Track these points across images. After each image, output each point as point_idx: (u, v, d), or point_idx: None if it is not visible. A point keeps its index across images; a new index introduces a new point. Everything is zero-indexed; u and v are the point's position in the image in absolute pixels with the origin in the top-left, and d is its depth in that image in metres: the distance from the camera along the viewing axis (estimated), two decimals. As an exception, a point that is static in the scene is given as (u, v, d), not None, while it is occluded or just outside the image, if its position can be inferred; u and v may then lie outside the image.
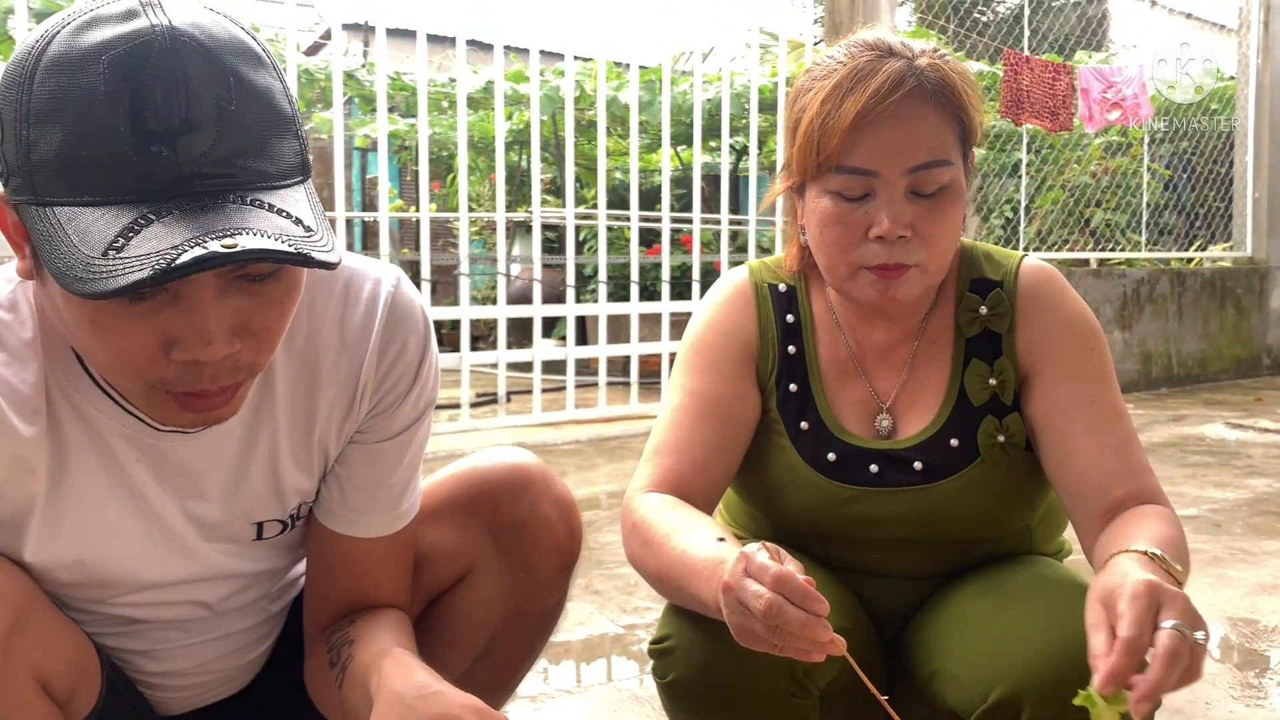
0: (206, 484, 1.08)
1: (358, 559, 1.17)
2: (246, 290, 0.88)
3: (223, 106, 0.82)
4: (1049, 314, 1.32)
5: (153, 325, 0.85)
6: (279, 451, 1.10)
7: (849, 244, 1.24)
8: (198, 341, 0.85)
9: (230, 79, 0.83)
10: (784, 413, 1.34)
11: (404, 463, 1.16)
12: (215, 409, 0.92)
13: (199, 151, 0.81)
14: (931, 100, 1.22)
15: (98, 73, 0.80)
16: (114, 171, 0.80)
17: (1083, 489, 1.26)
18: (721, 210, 5.69)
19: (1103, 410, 1.27)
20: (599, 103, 5.43)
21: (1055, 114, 6.34)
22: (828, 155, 1.22)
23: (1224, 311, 7.30)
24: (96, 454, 1.02)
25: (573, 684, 2.15)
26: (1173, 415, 5.77)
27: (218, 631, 1.19)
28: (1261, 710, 1.98)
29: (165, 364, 0.87)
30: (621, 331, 5.49)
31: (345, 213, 5.03)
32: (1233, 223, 7.80)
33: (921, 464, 1.30)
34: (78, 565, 1.05)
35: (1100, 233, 7.50)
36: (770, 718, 1.24)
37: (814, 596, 0.97)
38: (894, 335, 1.35)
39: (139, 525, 1.07)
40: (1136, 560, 1.05)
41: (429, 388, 1.15)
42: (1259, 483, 4.03)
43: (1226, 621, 2.49)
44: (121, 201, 0.80)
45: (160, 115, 0.80)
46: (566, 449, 4.69)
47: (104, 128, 0.79)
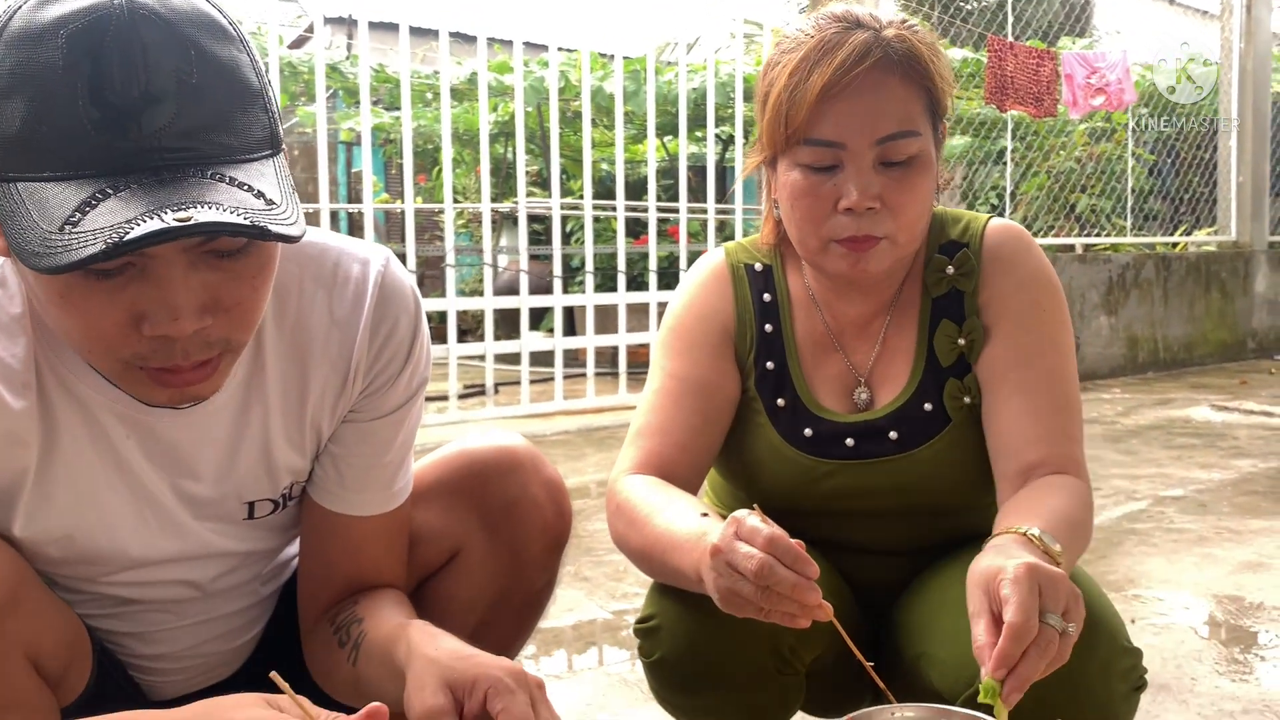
0: (198, 462, 1.08)
1: (354, 538, 1.17)
2: (215, 265, 0.87)
3: (183, 79, 0.81)
4: (1008, 270, 1.32)
5: (121, 300, 0.85)
6: (271, 430, 1.10)
7: (819, 217, 1.24)
8: (166, 316, 0.85)
9: (191, 51, 0.82)
10: (762, 390, 1.35)
11: (398, 441, 1.16)
12: (192, 385, 0.92)
13: (159, 125, 0.80)
14: (898, 71, 1.22)
15: (56, 47, 0.79)
16: (74, 146, 0.79)
17: (998, 448, 1.26)
18: (708, 200, 5.69)
19: (1039, 372, 1.27)
20: (584, 93, 5.42)
21: (1040, 100, 6.35)
22: (795, 128, 1.22)
23: (1209, 296, 7.34)
24: (86, 430, 1.02)
25: (563, 669, 2.15)
26: (1159, 399, 5.80)
27: (208, 614, 1.19)
28: (1246, 685, 2.00)
29: (137, 339, 0.86)
30: (609, 322, 5.50)
31: (330, 205, 5.02)
32: (1217, 207, 7.83)
33: (896, 433, 1.31)
34: (66, 541, 1.05)
35: (1085, 218, 7.53)
36: (756, 695, 1.24)
37: (805, 559, 0.98)
38: (869, 308, 1.36)
39: (129, 501, 1.06)
40: (1016, 543, 1.06)
41: (422, 366, 1.15)
42: (1244, 463, 4.06)
43: (1212, 599, 2.51)
44: (81, 176, 0.79)
45: (119, 89, 0.79)
46: (555, 439, 4.69)
47: (63, 102, 0.79)
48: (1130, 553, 2.87)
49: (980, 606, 0.98)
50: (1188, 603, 2.49)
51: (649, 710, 1.91)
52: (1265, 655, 2.17)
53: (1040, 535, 1.07)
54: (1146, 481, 3.76)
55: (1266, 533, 3.06)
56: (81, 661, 1.10)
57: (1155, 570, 2.73)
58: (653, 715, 1.89)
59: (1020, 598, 0.93)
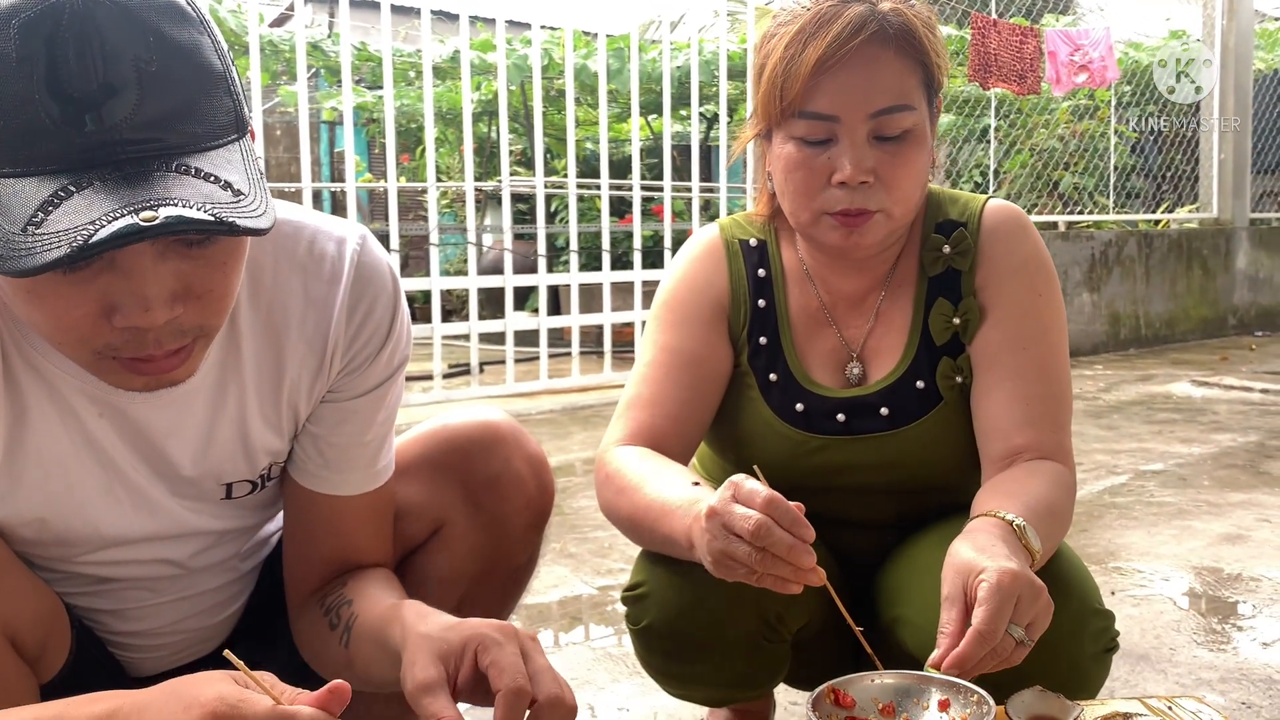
0: (172, 444, 1.07)
1: (338, 518, 1.17)
2: (184, 254, 0.85)
3: (143, 68, 0.78)
4: (1005, 253, 1.32)
5: (91, 293, 0.83)
6: (247, 411, 1.09)
7: (812, 189, 1.24)
8: (137, 308, 0.83)
9: (150, 38, 0.79)
10: (754, 365, 1.36)
11: (379, 419, 1.15)
12: (166, 372, 0.91)
13: (120, 117, 0.77)
14: (893, 45, 1.22)
15: (9, 38, 0.76)
16: (33, 141, 0.76)
17: (986, 430, 1.28)
18: (692, 179, 5.68)
19: (1032, 358, 1.28)
20: (567, 71, 5.40)
21: (1023, 77, 6.35)
22: (790, 101, 1.22)
23: (1191, 273, 7.38)
24: (55, 411, 1.01)
25: (549, 644, 2.16)
26: (1140, 375, 5.84)
27: (187, 591, 1.19)
28: (1224, 654, 2.02)
29: (109, 330, 0.85)
30: (594, 301, 5.49)
31: (313, 185, 4.99)
32: (1199, 184, 7.87)
33: (887, 409, 1.31)
34: (39, 523, 1.05)
35: (1068, 196, 7.55)
36: (742, 662, 1.25)
37: (802, 521, 0.99)
38: (863, 283, 1.36)
39: (101, 481, 1.06)
40: (999, 534, 1.07)
41: (402, 344, 1.14)
42: (1224, 437, 4.10)
43: (1191, 571, 2.53)
44: (43, 172, 0.77)
45: (76, 80, 0.76)
46: (540, 418, 4.70)
47: (19, 95, 0.76)
48: (1111, 526, 2.90)
49: (954, 593, 1.00)
50: (1167, 574, 2.52)
51: (634, 683, 1.92)
52: (1243, 625, 2.20)
53: (1024, 526, 1.09)
54: (1127, 456, 3.79)
55: (1245, 505, 3.09)
56: (60, 639, 1.10)
57: (1135, 543, 2.76)
58: (638, 688, 1.91)
59: (993, 607, 0.95)
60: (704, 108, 7.18)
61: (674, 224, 5.71)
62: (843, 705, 0.96)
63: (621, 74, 7.07)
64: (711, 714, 1.58)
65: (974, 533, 1.08)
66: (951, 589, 1.01)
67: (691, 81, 5.59)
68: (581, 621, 2.30)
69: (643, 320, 5.48)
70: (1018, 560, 1.02)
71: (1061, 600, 1.06)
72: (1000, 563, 0.99)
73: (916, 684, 0.97)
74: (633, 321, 5.50)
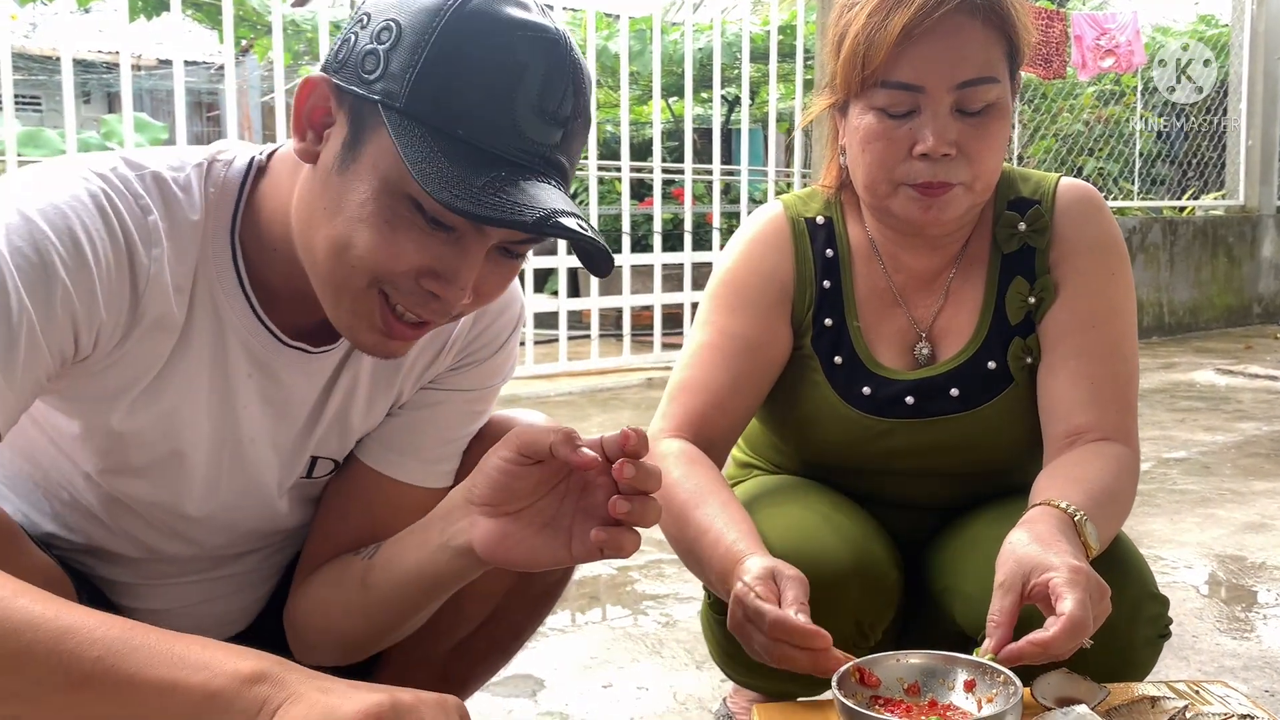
0: (298, 412, 1.09)
1: (378, 500, 1.15)
2: (495, 260, 0.94)
3: (582, 111, 0.93)
4: (1080, 231, 1.30)
5: (426, 251, 0.90)
6: (357, 393, 1.10)
7: (892, 161, 1.21)
8: (455, 283, 0.92)
9: (588, 90, 0.93)
10: (818, 347, 1.33)
11: (455, 423, 1.16)
12: (411, 339, 0.97)
13: (556, 139, 0.90)
14: (980, 15, 1.19)
15: (518, 40, 0.88)
16: (498, 127, 0.88)
17: (1050, 409, 1.26)
18: (713, 161, 5.66)
19: (1100, 337, 1.26)
20: (589, 53, 5.37)
21: (1049, 61, 6.29)
22: (873, 70, 1.19)
23: (1216, 260, 7.31)
24: (211, 355, 1.02)
25: (567, 623, 2.17)
26: (1164, 363, 5.79)
27: (211, 573, 1.18)
28: (1247, 642, 2.01)
29: (411, 286, 0.92)
30: (613, 284, 5.48)
31: (334, 165, 4.99)
32: (1225, 171, 7.78)
33: (958, 390, 1.29)
34: (141, 447, 1.04)
35: (1093, 181, 7.46)
36: None
37: (811, 633, 0.97)
38: (935, 261, 1.33)
39: (214, 442, 1.06)
40: (1059, 526, 1.06)
41: (509, 361, 1.16)
42: (1248, 426, 4.06)
43: (1214, 558, 2.52)
44: (483, 150, 0.87)
45: (552, 99, 0.89)
46: (559, 400, 4.70)
47: (507, 89, 0.87)
48: (1133, 513, 2.86)
49: (1010, 581, 0.99)
50: (1190, 562, 2.51)
51: (652, 663, 1.93)
52: (1266, 614, 2.18)
53: (1084, 520, 1.08)
54: (1150, 444, 3.77)
55: (1269, 494, 3.07)
56: None
57: (1158, 530, 2.74)
58: (656, 667, 1.91)
59: (1080, 595, 0.94)
60: (726, 90, 7.15)
61: (694, 207, 5.69)
62: (868, 684, 0.95)
63: (643, 56, 7.04)
64: (736, 692, 1.58)
65: (1033, 523, 1.06)
66: (1008, 577, 1.00)
67: (714, 64, 5.56)
68: (600, 602, 2.31)
69: (663, 304, 5.48)
70: (1082, 559, 1.01)
71: (1120, 584, 1.05)
72: (1068, 560, 0.98)
73: (942, 664, 0.96)
74: (652, 305, 5.49)
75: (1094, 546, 1.08)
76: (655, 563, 2.49)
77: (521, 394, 4.69)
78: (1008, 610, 0.98)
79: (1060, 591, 0.95)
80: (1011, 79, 1.25)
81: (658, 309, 5.49)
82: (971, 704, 0.93)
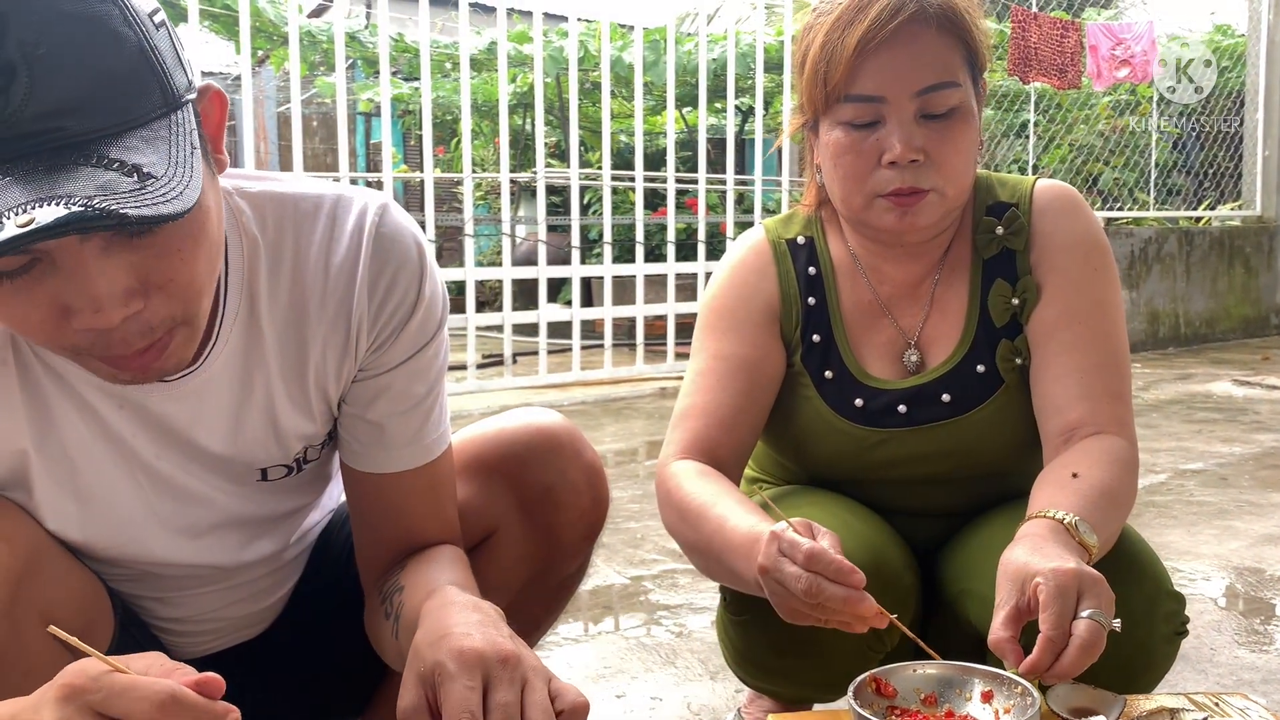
0: (199, 432, 1.04)
1: (392, 497, 1.13)
2: (130, 246, 0.78)
3: (29, 52, 0.71)
4: (1057, 229, 1.31)
5: (41, 297, 0.78)
6: (274, 395, 1.06)
7: (863, 172, 1.24)
8: (89, 309, 0.77)
9: (34, 18, 0.71)
10: (808, 363, 1.34)
11: (418, 391, 1.10)
12: (151, 365, 0.85)
13: (11, 109, 0.70)
14: (934, 23, 1.22)
15: None
16: None
17: (1043, 407, 1.26)
18: (727, 172, 5.66)
19: (1087, 330, 1.26)
20: (603, 64, 5.39)
21: (1063, 71, 6.28)
22: (834, 85, 1.22)
23: (1232, 271, 7.27)
24: (74, 407, 0.99)
25: (580, 633, 2.16)
26: (1180, 374, 5.76)
27: (232, 580, 1.18)
28: (1266, 655, 1.99)
29: (71, 332, 0.79)
30: (626, 293, 5.49)
31: (350, 175, 5.02)
32: (1242, 181, 7.74)
33: (949, 395, 1.30)
34: (79, 521, 1.04)
35: (1108, 192, 7.45)
36: (843, 665, 1.22)
37: (847, 569, 0.97)
38: (917, 270, 1.35)
39: (125, 473, 1.04)
40: (1050, 534, 1.05)
41: (436, 312, 1.08)
42: (1266, 437, 4.03)
43: (1232, 571, 2.50)
44: None
45: None
46: (572, 410, 4.70)
47: None
48: (1150, 525, 2.86)
49: (1007, 598, 0.99)
50: (1208, 574, 2.48)
51: (666, 673, 1.92)
52: (1285, 626, 2.16)
53: (1076, 523, 1.07)
54: (1166, 455, 3.74)
55: (1288, 506, 3.04)
56: (103, 623, 1.10)
57: (1175, 542, 2.72)
58: (670, 678, 1.90)
59: (1061, 610, 0.94)
60: (739, 100, 7.14)
61: (708, 217, 5.69)
62: (884, 694, 0.95)
63: (657, 66, 7.05)
64: (750, 702, 1.57)
65: (1026, 537, 1.06)
66: (1003, 594, 1.00)
67: (727, 74, 5.57)
68: (613, 611, 2.30)
69: (676, 313, 5.48)
70: (1073, 558, 1.00)
71: (1134, 582, 1.05)
72: (1053, 563, 0.98)
73: (959, 674, 0.96)
74: (665, 314, 5.49)
75: (1093, 546, 1.07)
76: (669, 573, 2.49)
77: (534, 402, 4.69)
78: (1007, 625, 0.98)
79: (1040, 605, 0.95)
80: (975, 84, 1.27)
81: (671, 319, 5.48)
82: (989, 715, 0.93)
